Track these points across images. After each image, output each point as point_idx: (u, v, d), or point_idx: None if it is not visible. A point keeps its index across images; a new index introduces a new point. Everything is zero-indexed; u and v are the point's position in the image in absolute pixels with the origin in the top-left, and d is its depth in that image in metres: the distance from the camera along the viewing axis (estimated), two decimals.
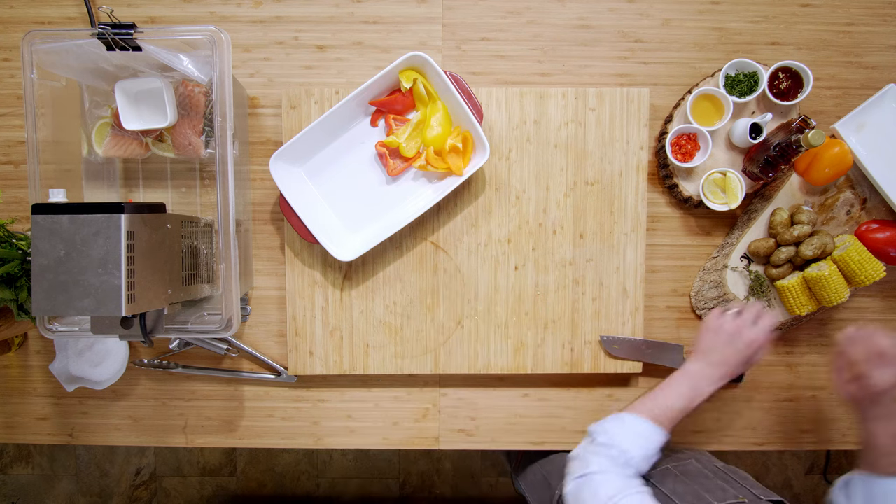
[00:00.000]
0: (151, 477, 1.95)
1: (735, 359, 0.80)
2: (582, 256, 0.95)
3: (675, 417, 0.77)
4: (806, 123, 0.83)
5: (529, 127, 0.94)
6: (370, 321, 0.95)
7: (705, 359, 0.81)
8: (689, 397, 0.78)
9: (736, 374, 0.81)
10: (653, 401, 0.78)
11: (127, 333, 0.73)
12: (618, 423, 0.76)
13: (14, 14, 0.96)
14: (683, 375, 0.80)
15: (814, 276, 0.90)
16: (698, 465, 0.84)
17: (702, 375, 0.80)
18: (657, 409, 0.77)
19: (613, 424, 0.76)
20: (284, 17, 0.96)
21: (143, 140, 0.89)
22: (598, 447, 0.74)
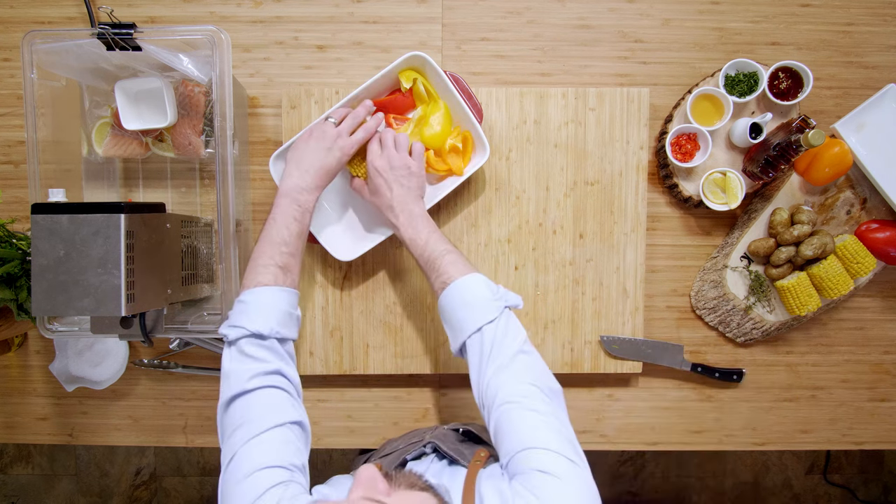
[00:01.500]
0: (151, 477, 1.95)
1: (328, 164, 0.77)
2: (582, 256, 0.95)
3: (296, 248, 0.72)
4: (806, 123, 0.83)
5: (529, 127, 0.94)
6: (370, 321, 0.95)
7: (298, 167, 0.76)
8: (299, 220, 0.73)
9: (332, 175, 0.78)
10: (267, 246, 0.72)
11: (127, 333, 0.73)
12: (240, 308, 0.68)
13: (14, 14, 0.96)
14: (282, 197, 0.74)
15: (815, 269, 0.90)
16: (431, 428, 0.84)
17: (296, 188, 0.75)
18: (275, 254, 0.71)
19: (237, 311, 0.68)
20: (284, 17, 0.96)
21: (143, 140, 0.89)
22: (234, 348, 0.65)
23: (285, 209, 0.74)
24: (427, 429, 0.85)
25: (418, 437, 0.77)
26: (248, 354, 0.64)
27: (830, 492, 1.95)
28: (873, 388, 1.01)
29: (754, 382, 1.01)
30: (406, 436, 0.86)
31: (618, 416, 1.00)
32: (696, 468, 1.94)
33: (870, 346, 1.00)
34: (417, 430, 0.88)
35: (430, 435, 0.73)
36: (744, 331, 0.97)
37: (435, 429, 0.81)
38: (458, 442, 0.73)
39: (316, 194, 0.77)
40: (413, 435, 0.83)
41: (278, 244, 0.72)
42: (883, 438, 1.02)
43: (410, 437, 0.82)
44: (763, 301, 0.95)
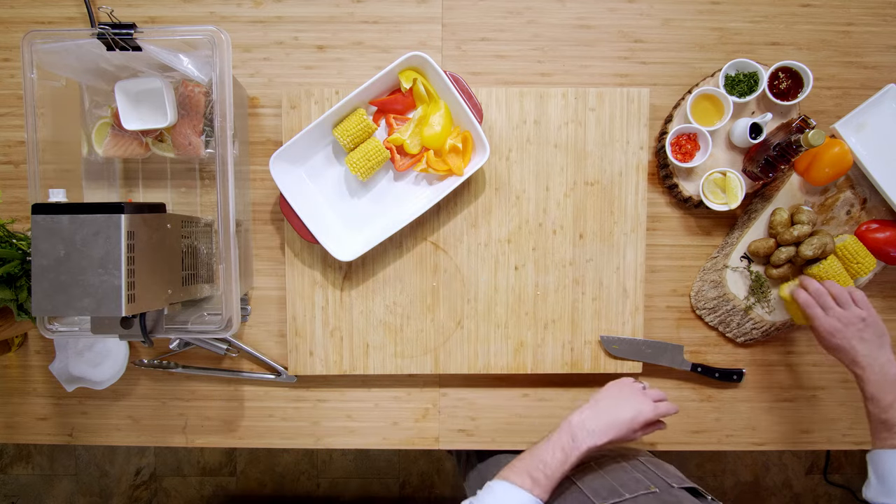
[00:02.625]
0: (151, 477, 1.95)
1: (622, 425, 0.76)
2: (582, 256, 0.95)
3: (552, 474, 0.73)
4: (806, 123, 0.83)
5: (529, 127, 0.94)
6: (370, 321, 0.95)
7: (595, 407, 0.78)
8: (566, 452, 0.74)
9: (619, 441, 0.76)
10: (529, 458, 0.75)
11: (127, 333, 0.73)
12: (489, 495, 0.72)
13: (14, 14, 0.96)
14: (566, 423, 0.77)
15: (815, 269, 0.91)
16: (620, 461, 0.83)
17: (584, 426, 0.75)
18: (531, 468, 0.73)
19: (485, 497, 0.72)
20: (284, 17, 0.96)
21: (143, 140, 0.89)
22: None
23: (562, 435, 0.76)
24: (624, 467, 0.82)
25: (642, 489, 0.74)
26: None
27: (830, 492, 1.95)
28: None
29: (754, 382, 1.01)
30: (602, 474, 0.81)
31: None
32: (696, 468, 1.94)
33: None
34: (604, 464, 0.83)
35: None
36: (744, 331, 0.97)
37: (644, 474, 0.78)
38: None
39: (595, 442, 0.75)
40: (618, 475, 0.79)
41: (537, 461, 0.74)
42: None
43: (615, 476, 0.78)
44: (763, 301, 0.95)
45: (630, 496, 0.73)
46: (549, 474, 0.73)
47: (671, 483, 0.76)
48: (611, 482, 0.77)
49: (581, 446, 0.74)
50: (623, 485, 0.76)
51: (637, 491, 0.74)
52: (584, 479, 0.79)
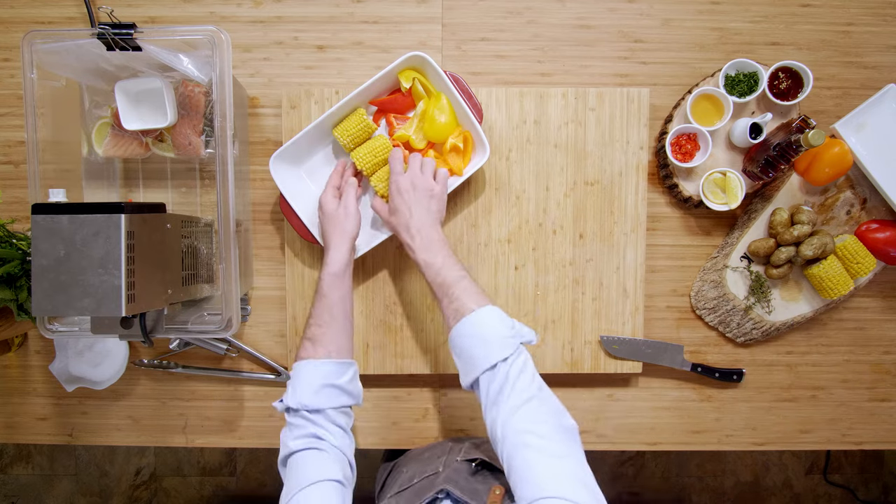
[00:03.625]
0: (151, 477, 1.95)
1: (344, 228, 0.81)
2: (582, 256, 0.95)
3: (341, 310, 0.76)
4: (806, 123, 0.83)
5: (529, 127, 0.94)
6: (370, 321, 0.95)
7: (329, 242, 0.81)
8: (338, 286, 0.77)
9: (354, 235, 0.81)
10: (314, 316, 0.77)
11: (127, 333, 0.73)
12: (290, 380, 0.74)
13: (14, 14, 0.96)
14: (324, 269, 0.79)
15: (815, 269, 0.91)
16: (447, 444, 0.85)
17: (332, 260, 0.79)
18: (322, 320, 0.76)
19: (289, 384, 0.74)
20: (284, 17, 0.96)
21: (143, 140, 0.89)
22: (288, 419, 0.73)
23: (318, 286, 0.78)
24: (440, 455, 0.83)
25: (432, 471, 0.76)
26: (289, 423, 0.72)
27: (830, 492, 1.95)
28: (873, 388, 1.01)
29: (754, 382, 1.01)
30: (419, 462, 0.84)
31: (618, 416, 1.00)
32: (696, 468, 1.94)
33: (870, 346, 1.00)
34: (431, 454, 0.86)
35: (443, 476, 0.72)
36: (744, 331, 0.97)
37: (449, 455, 0.80)
38: (472, 476, 0.72)
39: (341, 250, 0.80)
40: (427, 463, 0.81)
41: (309, 318, 0.77)
42: (883, 438, 1.02)
43: (424, 465, 0.81)
44: (763, 301, 0.95)
45: (417, 480, 0.76)
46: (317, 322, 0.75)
47: (457, 458, 0.77)
48: (413, 470, 0.80)
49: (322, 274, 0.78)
50: (420, 471, 0.78)
51: (424, 475, 0.76)
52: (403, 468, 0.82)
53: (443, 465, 0.78)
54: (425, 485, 0.74)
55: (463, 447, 0.83)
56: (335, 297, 0.77)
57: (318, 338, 0.75)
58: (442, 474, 0.74)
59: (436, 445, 0.90)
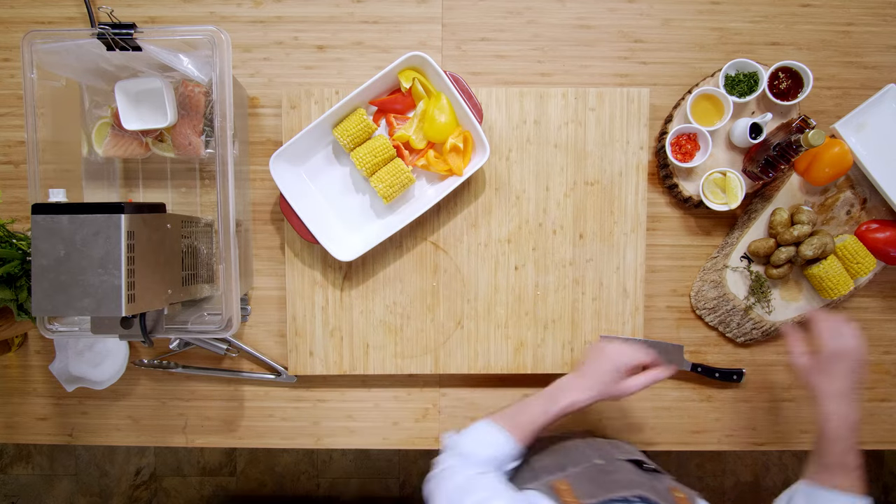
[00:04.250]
0: (151, 477, 1.95)
1: (603, 377, 0.78)
2: (582, 256, 0.95)
3: (533, 422, 0.77)
4: (806, 123, 0.83)
5: (529, 127, 0.94)
6: (370, 321, 0.95)
7: (578, 369, 0.81)
8: (544, 407, 0.77)
9: (605, 396, 0.78)
10: (515, 406, 0.80)
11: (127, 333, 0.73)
12: (467, 431, 0.77)
13: (14, 14, 0.96)
14: (554, 384, 0.80)
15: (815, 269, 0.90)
16: (577, 441, 0.85)
17: (565, 387, 0.79)
18: (515, 414, 0.78)
19: (464, 432, 0.77)
20: (284, 17, 0.96)
21: (143, 140, 0.89)
22: (447, 451, 0.76)
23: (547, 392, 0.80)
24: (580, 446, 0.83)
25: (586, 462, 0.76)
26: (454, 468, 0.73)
27: None
28: (873, 388, 1.01)
29: (754, 382, 1.01)
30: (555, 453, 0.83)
31: (618, 416, 1.00)
32: (696, 468, 1.94)
33: (870, 346, 1.00)
34: (563, 445, 0.84)
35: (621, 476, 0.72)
36: (744, 331, 0.97)
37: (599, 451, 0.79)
38: (645, 475, 0.73)
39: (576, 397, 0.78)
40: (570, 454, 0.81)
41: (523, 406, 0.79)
42: (883, 438, 1.02)
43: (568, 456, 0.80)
44: (763, 301, 0.95)
45: (573, 469, 0.75)
46: (529, 420, 0.77)
47: (617, 456, 0.77)
48: (560, 459, 0.79)
49: (560, 402, 0.77)
50: (571, 461, 0.78)
51: (580, 464, 0.76)
52: (536, 459, 0.81)
53: (598, 458, 0.77)
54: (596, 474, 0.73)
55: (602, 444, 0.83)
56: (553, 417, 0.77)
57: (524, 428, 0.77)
58: (614, 471, 0.73)
59: (558, 438, 0.88)
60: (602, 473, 0.72)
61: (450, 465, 0.73)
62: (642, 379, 0.79)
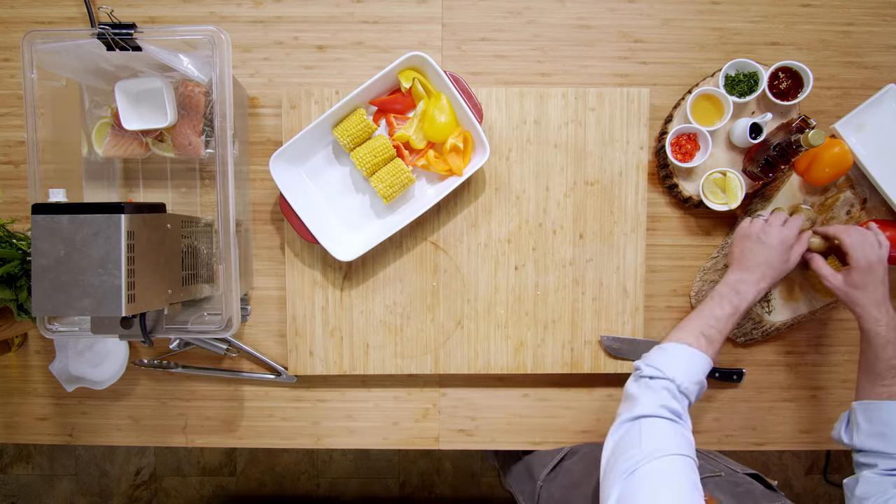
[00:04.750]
0: (151, 477, 1.95)
1: (770, 258, 0.81)
2: (582, 256, 0.95)
3: (724, 328, 0.77)
4: (806, 123, 0.83)
5: (529, 127, 0.94)
6: (370, 321, 0.95)
7: (741, 265, 0.82)
8: (734, 304, 0.78)
9: (777, 276, 0.81)
10: (698, 318, 0.78)
11: (127, 333, 0.73)
12: (661, 354, 0.75)
13: (14, 14, 0.96)
14: (724, 285, 0.81)
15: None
16: None
17: (741, 280, 0.80)
18: (703, 326, 0.77)
19: (657, 355, 0.75)
20: (284, 17, 0.96)
21: (143, 140, 0.89)
22: (644, 381, 0.73)
23: (724, 293, 0.80)
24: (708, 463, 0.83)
25: (707, 472, 0.75)
26: (657, 390, 0.70)
27: (830, 492, 1.95)
28: None
29: (754, 382, 1.01)
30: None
31: None
32: None
33: None
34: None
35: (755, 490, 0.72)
36: (744, 331, 0.97)
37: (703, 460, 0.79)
38: (772, 493, 0.74)
39: (757, 288, 0.80)
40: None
41: (708, 318, 0.78)
42: None
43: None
44: (763, 301, 0.95)
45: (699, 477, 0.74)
46: (721, 329, 0.77)
47: (735, 469, 0.77)
48: None
49: (747, 296, 0.79)
50: None
51: (703, 474, 0.75)
52: None
53: (715, 468, 0.77)
54: (729, 487, 0.72)
55: (705, 454, 0.84)
56: (735, 319, 0.78)
57: (714, 339, 0.76)
58: (744, 482, 0.72)
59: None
60: (733, 485, 0.72)
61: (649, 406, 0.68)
62: (798, 248, 0.83)
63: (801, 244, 0.84)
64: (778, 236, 0.82)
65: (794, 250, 0.83)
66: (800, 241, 0.84)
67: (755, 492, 0.70)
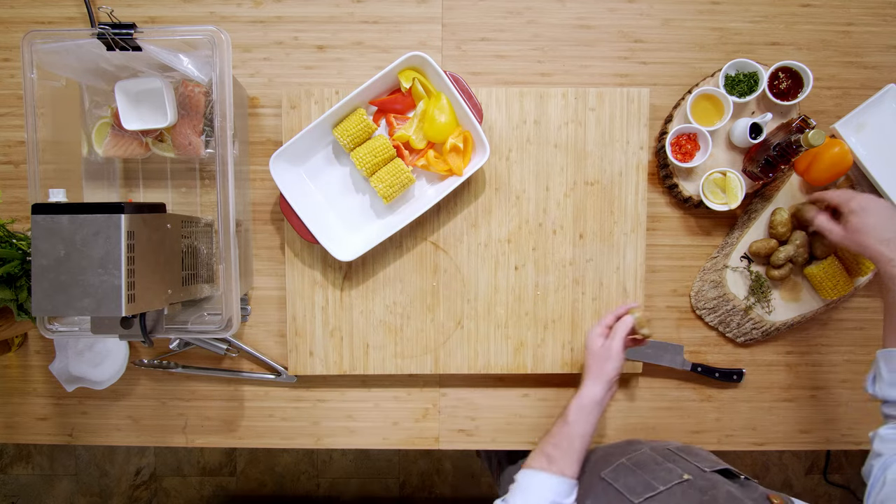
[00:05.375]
0: (151, 477, 1.95)
1: (603, 368, 0.82)
2: (582, 256, 0.95)
3: (560, 443, 0.79)
4: (806, 123, 0.83)
5: (529, 127, 0.94)
6: (370, 321, 0.95)
7: (586, 377, 0.83)
8: (564, 416, 0.81)
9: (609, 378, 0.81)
10: (542, 438, 0.81)
11: (127, 333, 0.73)
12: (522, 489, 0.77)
13: (14, 14, 0.96)
14: (575, 399, 0.82)
15: (815, 269, 0.90)
16: (651, 454, 0.84)
17: (584, 394, 0.81)
18: (543, 445, 0.80)
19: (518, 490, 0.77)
20: (284, 17, 0.96)
21: (143, 140, 0.89)
22: None
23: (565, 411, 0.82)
24: (649, 457, 0.83)
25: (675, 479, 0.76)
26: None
27: (830, 492, 1.95)
28: None
29: (754, 382, 1.01)
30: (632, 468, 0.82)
31: (618, 416, 1.00)
32: None
33: (870, 346, 1.00)
34: (633, 459, 0.84)
35: (719, 493, 0.71)
36: (744, 331, 0.97)
37: (674, 462, 0.79)
38: (738, 486, 0.73)
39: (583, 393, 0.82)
40: (648, 468, 0.81)
41: (545, 436, 0.81)
42: None
43: (647, 471, 0.80)
44: (763, 301, 0.95)
45: (664, 488, 0.74)
46: (557, 443, 0.79)
47: (703, 468, 0.77)
48: (644, 477, 0.78)
49: (571, 403, 0.81)
50: (656, 478, 0.77)
51: (671, 481, 0.74)
52: (617, 478, 0.79)
53: (684, 471, 0.76)
54: (693, 494, 0.72)
55: (674, 451, 0.83)
56: (578, 429, 0.79)
57: (554, 458, 0.78)
58: (709, 487, 0.72)
59: (618, 447, 0.88)
60: (699, 493, 0.72)
61: None
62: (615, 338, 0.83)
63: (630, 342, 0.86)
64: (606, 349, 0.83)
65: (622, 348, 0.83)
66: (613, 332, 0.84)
67: (719, 498, 0.70)
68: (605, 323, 0.86)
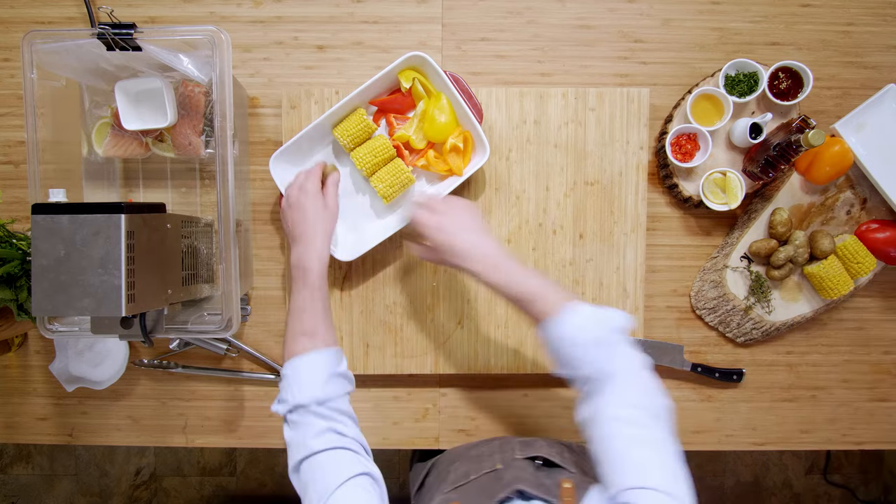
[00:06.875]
0: (151, 477, 1.95)
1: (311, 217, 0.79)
2: (582, 256, 0.95)
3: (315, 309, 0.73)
4: (806, 123, 0.83)
5: (529, 127, 0.94)
6: (370, 321, 0.95)
7: (294, 240, 0.80)
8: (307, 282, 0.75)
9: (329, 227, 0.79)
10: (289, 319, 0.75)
11: (127, 333, 0.73)
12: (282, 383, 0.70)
13: (14, 14, 0.96)
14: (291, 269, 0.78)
15: (815, 269, 0.90)
16: (494, 444, 0.83)
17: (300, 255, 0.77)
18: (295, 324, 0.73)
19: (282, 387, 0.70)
20: (284, 17, 0.96)
21: (143, 140, 0.89)
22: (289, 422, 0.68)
23: (294, 277, 0.77)
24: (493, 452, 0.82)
25: (489, 467, 0.75)
26: (296, 423, 0.67)
27: (830, 492, 1.95)
28: (873, 388, 1.01)
29: (754, 382, 1.01)
30: (470, 459, 0.82)
31: None
32: (695, 468, 1.94)
33: (870, 346, 1.00)
34: (480, 451, 0.84)
35: (510, 475, 0.71)
36: (744, 331, 0.97)
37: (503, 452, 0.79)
38: (536, 471, 0.72)
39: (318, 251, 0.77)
40: (479, 460, 0.79)
41: (294, 313, 0.74)
42: (883, 438, 1.02)
43: (477, 462, 0.79)
44: (763, 301, 0.95)
45: (475, 476, 0.74)
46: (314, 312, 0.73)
47: (517, 455, 0.76)
48: (469, 466, 0.78)
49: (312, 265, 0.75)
50: (476, 468, 0.77)
51: (482, 471, 0.75)
52: (454, 467, 0.80)
53: (500, 461, 0.77)
54: (488, 482, 0.72)
55: (515, 445, 0.83)
56: (326, 289, 0.76)
57: (315, 330, 0.72)
58: (506, 471, 0.73)
59: (482, 443, 0.89)
60: (494, 479, 0.72)
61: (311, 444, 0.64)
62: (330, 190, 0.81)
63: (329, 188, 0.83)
64: (305, 196, 0.80)
65: (328, 193, 0.81)
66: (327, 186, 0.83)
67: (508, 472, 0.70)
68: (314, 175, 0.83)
